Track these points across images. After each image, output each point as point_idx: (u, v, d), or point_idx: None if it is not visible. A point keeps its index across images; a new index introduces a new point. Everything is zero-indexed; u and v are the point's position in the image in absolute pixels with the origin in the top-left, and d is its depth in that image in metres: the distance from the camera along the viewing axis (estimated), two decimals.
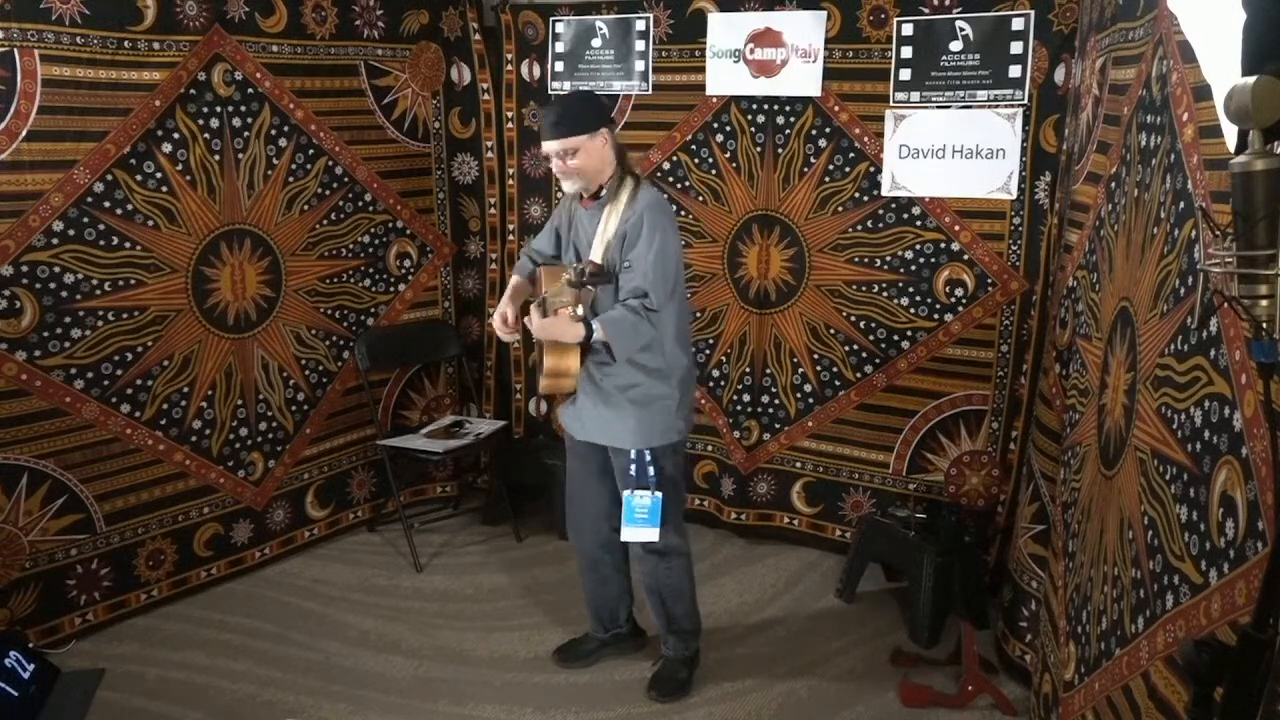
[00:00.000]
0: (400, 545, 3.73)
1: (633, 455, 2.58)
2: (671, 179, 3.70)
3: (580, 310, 2.32)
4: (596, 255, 2.51)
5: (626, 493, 2.59)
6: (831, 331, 3.60)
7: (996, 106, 3.20)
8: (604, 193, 2.52)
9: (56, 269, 2.91)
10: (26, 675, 2.64)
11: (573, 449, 2.79)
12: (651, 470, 2.58)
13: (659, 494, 2.57)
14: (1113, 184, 2.30)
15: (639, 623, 3.06)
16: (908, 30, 3.27)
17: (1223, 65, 1.47)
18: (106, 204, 3.00)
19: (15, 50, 2.73)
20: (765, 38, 3.46)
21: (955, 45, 3.22)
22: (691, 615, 2.84)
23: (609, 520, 2.77)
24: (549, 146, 2.46)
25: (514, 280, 2.72)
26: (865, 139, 3.41)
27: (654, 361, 2.56)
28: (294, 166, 3.50)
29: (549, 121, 2.46)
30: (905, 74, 3.31)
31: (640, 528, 2.58)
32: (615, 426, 2.59)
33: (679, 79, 3.65)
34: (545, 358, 2.49)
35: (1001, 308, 3.35)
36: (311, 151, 3.54)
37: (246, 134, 3.33)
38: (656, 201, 2.53)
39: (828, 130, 3.46)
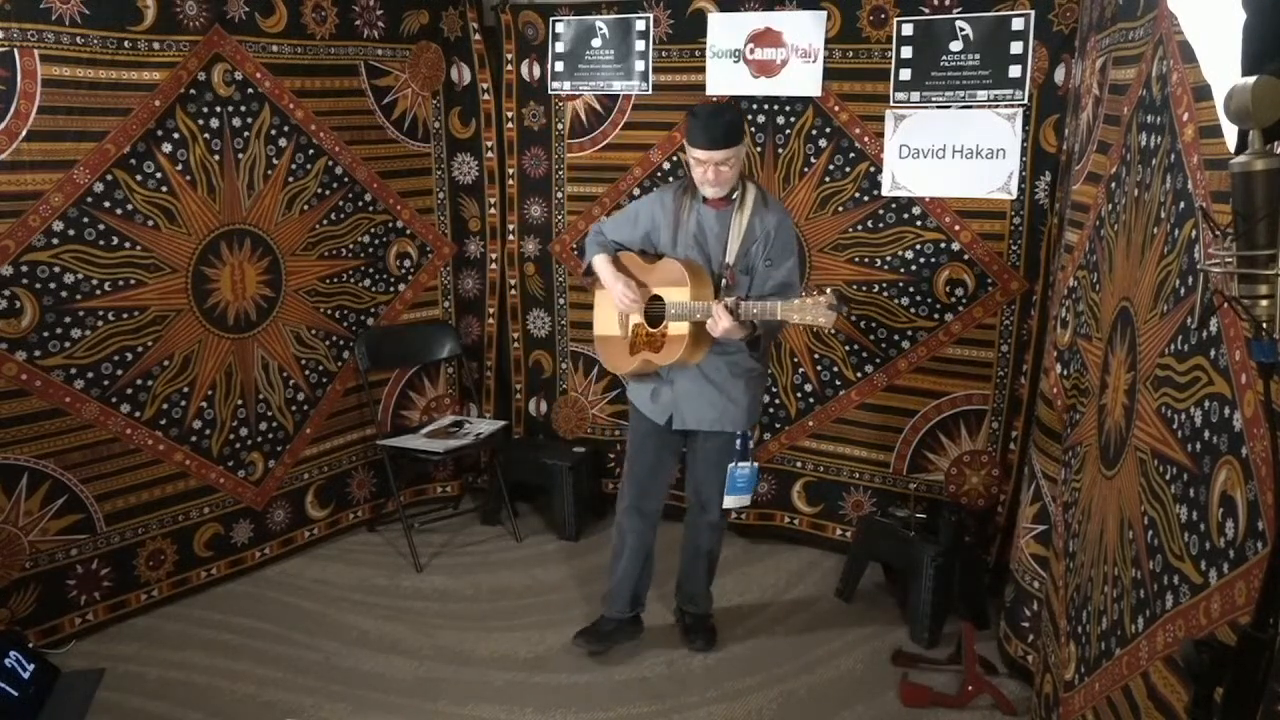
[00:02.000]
0: (400, 545, 3.73)
1: (738, 433, 2.80)
2: (672, 179, 3.70)
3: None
4: (732, 254, 2.66)
5: (731, 466, 2.80)
6: (832, 331, 3.59)
7: (996, 106, 3.20)
8: (735, 195, 2.67)
9: (56, 269, 2.91)
10: (26, 675, 2.64)
11: (655, 435, 2.90)
12: (750, 444, 2.84)
13: (755, 463, 2.87)
14: (1113, 184, 2.30)
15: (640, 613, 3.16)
16: (908, 30, 3.27)
17: (1223, 65, 1.47)
18: (106, 204, 3.00)
19: (15, 50, 2.73)
20: (765, 38, 3.46)
21: (955, 45, 3.22)
22: None
23: (664, 501, 3.03)
24: (720, 154, 2.55)
25: (605, 258, 2.82)
26: (865, 139, 3.41)
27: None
28: (294, 166, 3.50)
29: (718, 131, 2.54)
30: (905, 74, 3.31)
31: (740, 495, 2.85)
32: (729, 411, 2.79)
33: (679, 79, 3.65)
34: (683, 349, 2.64)
35: (1001, 307, 3.35)
36: (311, 151, 3.54)
37: (246, 134, 3.33)
38: (780, 204, 2.87)
39: (828, 130, 3.46)
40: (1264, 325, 1.06)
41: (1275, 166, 1.04)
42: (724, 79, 3.55)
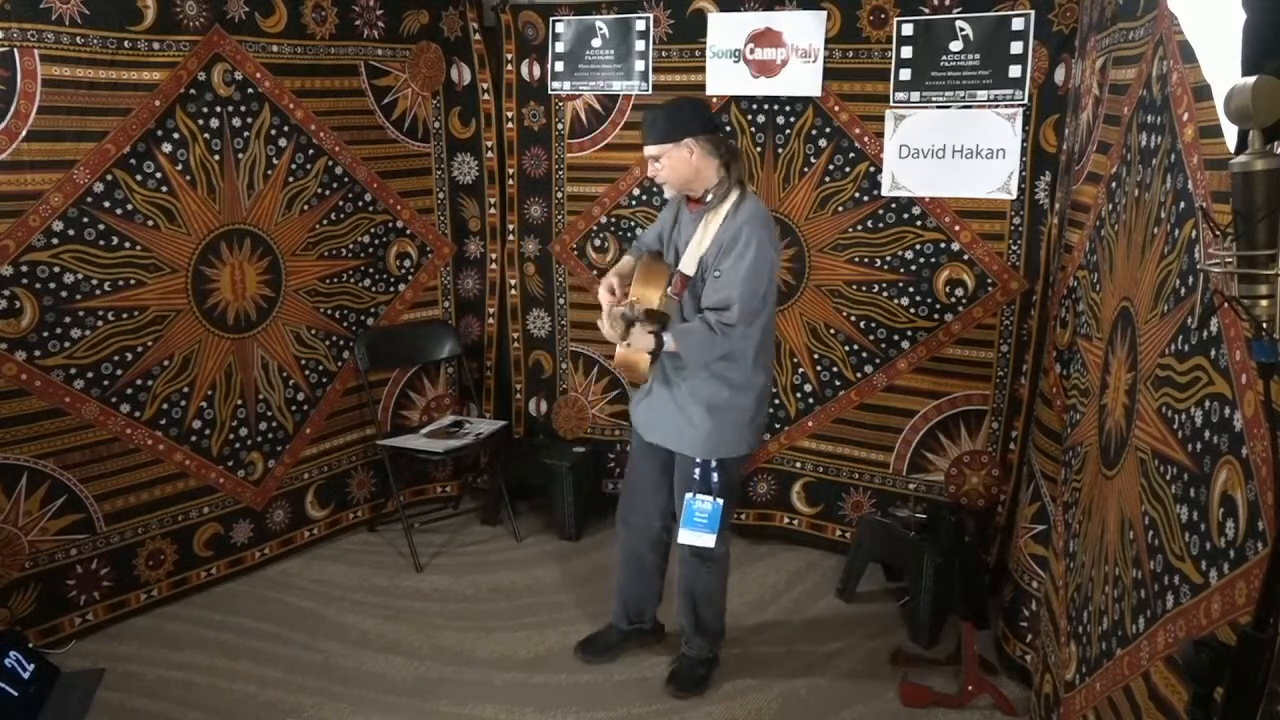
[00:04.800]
0: (400, 545, 3.73)
1: (697, 461, 2.60)
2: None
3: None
4: (690, 262, 2.53)
5: (688, 496, 2.60)
6: (831, 331, 3.60)
7: (996, 106, 3.20)
8: (709, 198, 2.54)
9: (56, 269, 2.91)
10: (26, 675, 2.64)
11: (638, 445, 2.82)
12: (715, 477, 2.60)
13: (720, 500, 2.59)
14: (1113, 184, 2.30)
15: (658, 618, 3.09)
16: (908, 30, 3.27)
17: (1223, 65, 1.47)
18: (106, 204, 3.00)
19: (15, 50, 2.73)
20: (765, 38, 3.46)
21: (955, 45, 3.22)
22: (719, 618, 2.89)
23: (660, 519, 2.83)
24: (647, 149, 2.55)
25: (624, 259, 2.78)
26: (865, 139, 3.41)
27: (735, 374, 2.58)
28: (294, 166, 3.50)
29: (644, 124, 2.56)
30: (905, 74, 3.30)
31: (698, 532, 2.60)
32: (686, 433, 2.61)
33: (679, 79, 3.64)
34: (618, 350, 2.56)
35: (1001, 308, 3.35)
36: (311, 151, 3.54)
37: (246, 134, 3.33)
38: (759, 215, 2.51)
39: (828, 130, 3.46)
40: (1264, 325, 1.06)
41: (1275, 166, 1.04)
42: (724, 79, 3.55)
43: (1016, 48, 3.14)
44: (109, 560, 3.14)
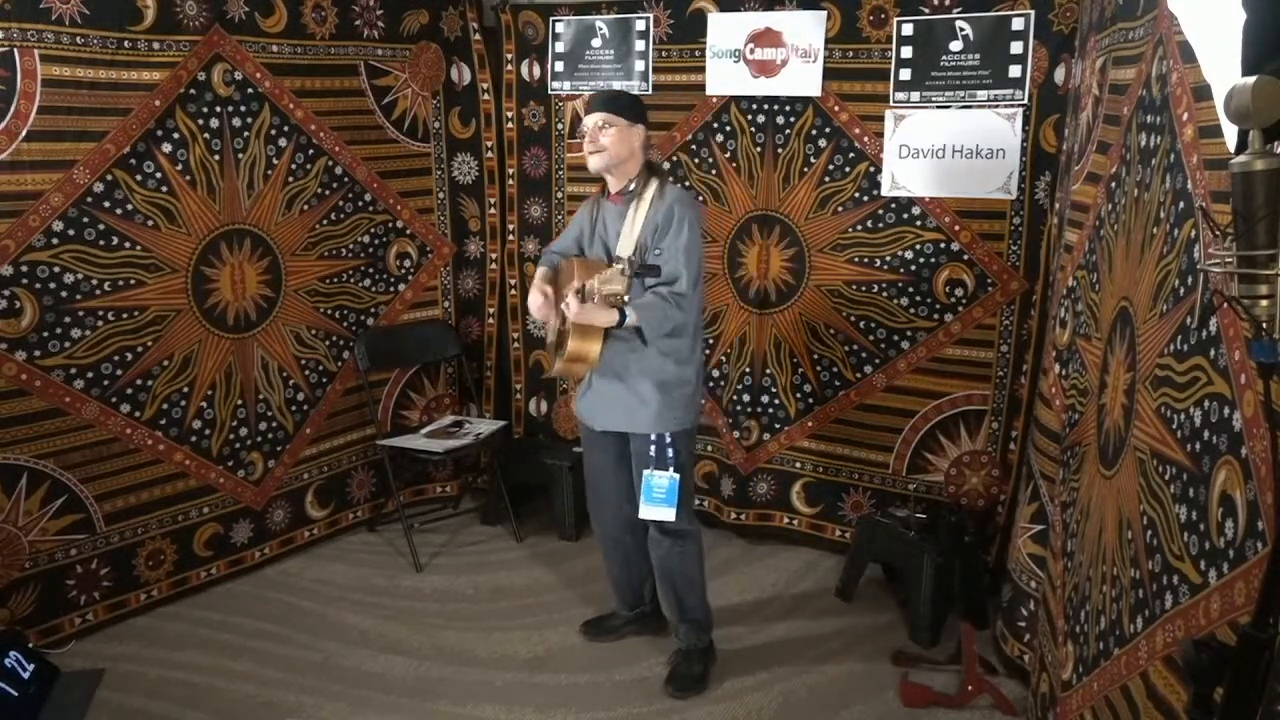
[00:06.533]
0: (400, 545, 3.73)
1: (652, 438, 2.67)
2: (672, 179, 3.69)
3: (625, 296, 2.43)
4: (626, 248, 2.61)
5: (645, 472, 2.67)
6: (831, 331, 3.60)
7: (996, 106, 3.20)
8: (632, 187, 2.65)
9: (56, 269, 2.91)
10: (26, 675, 2.65)
11: (589, 439, 2.88)
12: (670, 452, 2.68)
13: (676, 475, 2.67)
14: (1113, 184, 2.30)
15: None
16: (908, 30, 3.27)
17: (1223, 65, 1.47)
18: (106, 204, 3.00)
19: (15, 50, 2.73)
20: (765, 38, 3.46)
21: (955, 45, 3.22)
22: (703, 605, 2.91)
23: (630, 502, 2.84)
24: (591, 118, 2.61)
25: (541, 271, 2.81)
26: (865, 139, 3.41)
27: (681, 349, 2.67)
28: (294, 166, 3.50)
29: (603, 96, 2.65)
30: (905, 74, 3.31)
31: (658, 506, 2.67)
32: (637, 412, 2.67)
33: (679, 79, 3.65)
34: (570, 341, 2.57)
35: (1001, 308, 3.35)
36: (311, 151, 3.54)
37: (246, 134, 3.33)
38: (685, 196, 2.69)
39: (828, 130, 3.46)
40: (1264, 325, 1.06)
41: (1275, 166, 1.04)
42: (724, 79, 3.55)
43: (1016, 48, 3.14)
44: (109, 560, 3.14)
